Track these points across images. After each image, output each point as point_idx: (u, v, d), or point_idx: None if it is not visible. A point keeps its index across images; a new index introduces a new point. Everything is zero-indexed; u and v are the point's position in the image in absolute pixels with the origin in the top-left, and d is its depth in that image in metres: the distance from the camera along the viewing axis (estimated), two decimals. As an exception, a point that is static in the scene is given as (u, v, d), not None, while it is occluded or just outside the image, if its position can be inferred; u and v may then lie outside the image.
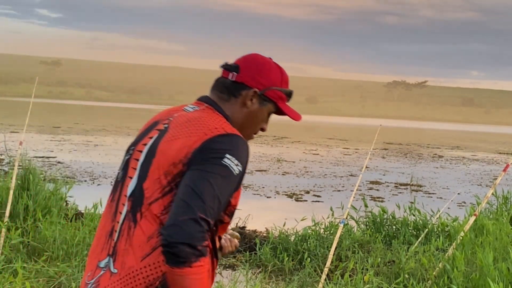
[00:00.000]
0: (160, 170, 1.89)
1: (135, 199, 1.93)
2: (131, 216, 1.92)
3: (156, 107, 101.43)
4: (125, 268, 1.86)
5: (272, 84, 2.09)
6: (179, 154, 1.87)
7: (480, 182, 16.35)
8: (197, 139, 1.88)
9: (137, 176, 1.97)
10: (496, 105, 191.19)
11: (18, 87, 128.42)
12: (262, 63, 2.11)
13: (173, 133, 1.95)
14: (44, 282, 4.71)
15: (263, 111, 2.11)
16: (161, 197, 1.86)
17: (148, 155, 1.97)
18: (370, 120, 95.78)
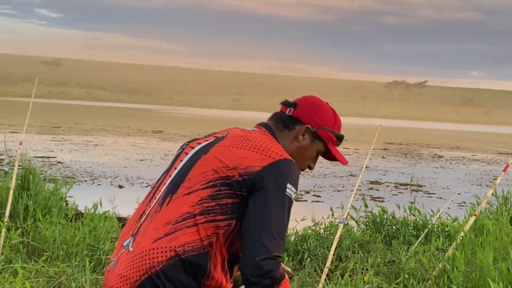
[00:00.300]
0: (209, 166, 2.05)
1: (172, 186, 2.09)
2: (160, 201, 2.08)
3: (156, 107, 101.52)
4: (138, 248, 2.01)
5: (325, 125, 2.24)
6: (237, 161, 2.03)
7: (480, 182, 16.36)
8: (261, 158, 2.04)
9: (181, 166, 2.14)
10: (496, 105, 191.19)
11: (18, 87, 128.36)
12: (318, 104, 2.28)
13: (232, 141, 2.11)
14: (44, 282, 4.71)
15: (313, 148, 2.25)
16: (201, 189, 2.01)
17: (199, 152, 2.14)
18: (370, 120, 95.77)
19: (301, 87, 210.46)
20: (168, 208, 2.04)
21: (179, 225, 2.00)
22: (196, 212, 2.00)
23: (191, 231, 1.99)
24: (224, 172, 2.02)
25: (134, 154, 18.53)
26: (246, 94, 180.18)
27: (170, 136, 28.32)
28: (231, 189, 2.01)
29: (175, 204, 2.03)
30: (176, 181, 2.10)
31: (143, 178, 13.29)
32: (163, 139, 25.87)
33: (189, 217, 2.00)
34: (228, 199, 2.00)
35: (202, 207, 2.00)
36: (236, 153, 2.05)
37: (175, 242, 1.98)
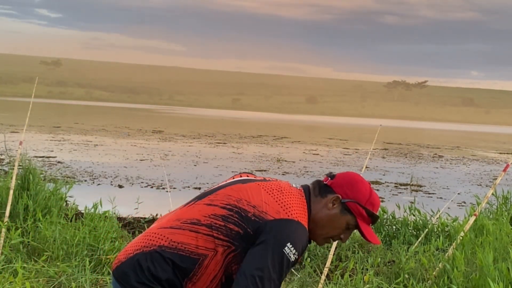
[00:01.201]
0: (237, 193, 2.27)
1: (203, 194, 2.38)
2: (188, 202, 2.40)
3: (156, 107, 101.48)
4: (149, 229, 2.39)
5: (356, 198, 2.33)
6: (259, 203, 2.22)
7: (480, 182, 16.35)
8: (278, 210, 2.21)
9: (222, 184, 2.40)
10: (496, 105, 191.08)
11: (18, 87, 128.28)
12: (355, 180, 2.38)
13: (268, 186, 2.30)
14: (44, 282, 4.71)
15: (341, 219, 2.34)
16: (219, 207, 2.24)
17: (242, 181, 2.38)
18: (370, 120, 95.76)
19: (301, 87, 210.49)
20: (187, 209, 2.33)
21: (184, 225, 2.24)
22: (203, 223, 2.22)
23: (190, 235, 2.21)
24: (244, 205, 2.22)
25: (134, 154, 18.53)
26: (246, 94, 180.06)
27: (170, 136, 28.32)
28: (242, 220, 2.19)
29: (193, 208, 2.31)
30: (208, 192, 2.37)
31: (143, 178, 13.29)
32: (163, 139, 25.87)
33: (195, 223, 2.23)
34: (235, 226, 2.19)
35: (211, 221, 2.22)
36: (263, 197, 2.25)
37: (173, 236, 2.23)
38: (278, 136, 33.71)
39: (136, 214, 7.78)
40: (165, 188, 11.80)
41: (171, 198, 6.61)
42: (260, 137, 31.35)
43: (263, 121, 60.68)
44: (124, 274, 2.24)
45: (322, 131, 47.16)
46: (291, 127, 49.83)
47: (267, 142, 28.13)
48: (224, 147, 23.41)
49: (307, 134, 39.99)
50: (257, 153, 21.63)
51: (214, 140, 27.25)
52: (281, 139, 30.65)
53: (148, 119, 49.71)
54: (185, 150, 21.03)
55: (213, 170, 15.61)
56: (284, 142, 28.90)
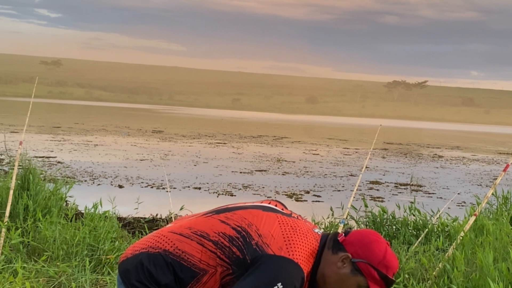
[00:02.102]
0: (253, 219, 2.25)
1: (223, 209, 2.39)
2: (206, 213, 2.42)
3: (156, 107, 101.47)
4: (161, 230, 2.41)
5: (367, 259, 2.20)
6: (266, 233, 2.20)
7: (480, 182, 16.35)
8: (281, 247, 2.16)
9: (244, 205, 2.40)
10: (496, 105, 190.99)
11: (18, 87, 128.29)
12: (370, 239, 2.26)
13: (284, 220, 2.27)
14: (44, 282, 4.71)
15: (351, 280, 2.22)
16: (231, 227, 2.23)
17: (264, 207, 2.35)
18: (370, 120, 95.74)
19: (301, 87, 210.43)
20: (202, 219, 2.32)
21: (193, 236, 2.24)
22: (211, 238, 2.21)
23: (197, 247, 2.21)
24: (252, 231, 2.20)
25: (134, 154, 18.53)
26: (246, 94, 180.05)
27: (170, 136, 28.31)
28: (244, 246, 2.17)
29: (208, 221, 2.30)
30: (229, 208, 2.37)
31: (143, 178, 13.29)
32: (163, 139, 25.86)
33: (204, 236, 2.23)
34: (237, 250, 2.17)
35: (218, 239, 2.20)
36: (273, 229, 2.21)
37: (180, 244, 2.22)
38: (278, 136, 33.71)
39: (136, 214, 7.78)
40: (165, 188, 11.80)
41: (171, 198, 6.61)
42: (260, 137, 31.35)
43: (263, 121, 60.67)
44: (126, 271, 2.25)
45: (322, 131, 47.15)
46: (291, 127, 49.82)
47: (267, 142, 28.13)
48: (224, 147, 23.41)
49: (307, 134, 39.99)
50: (257, 153, 21.63)
51: (214, 140, 27.24)
52: (281, 139, 30.64)
53: (148, 119, 49.71)
54: (185, 150, 21.03)
55: (213, 170, 15.61)
56: (284, 142, 28.89)
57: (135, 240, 5.99)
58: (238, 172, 15.60)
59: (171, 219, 7.34)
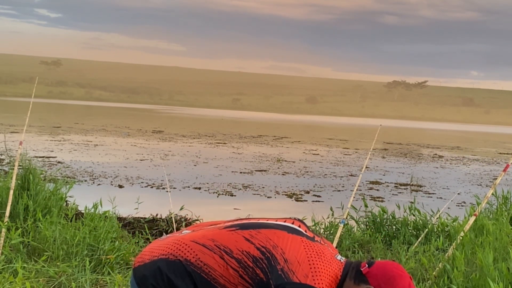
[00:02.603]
0: (278, 240, 2.21)
1: (248, 224, 2.34)
2: (229, 225, 2.38)
3: (156, 107, 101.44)
4: (183, 237, 2.37)
5: None
6: (292, 259, 2.17)
7: (480, 182, 16.35)
8: (306, 275, 2.18)
9: (271, 223, 2.34)
10: (496, 105, 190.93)
11: (18, 87, 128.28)
12: (394, 274, 2.22)
13: (310, 246, 2.24)
14: (44, 282, 4.70)
15: None
16: (255, 247, 2.20)
17: (290, 229, 2.31)
18: (370, 120, 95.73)
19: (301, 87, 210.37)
20: (225, 233, 2.27)
21: (217, 249, 2.21)
22: (234, 256, 2.19)
23: (219, 262, 2.19)
24: (277, 253, 2.18)
25: (134, 154, 18.53)
26: (246, 94, 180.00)
27: (170, 136, 28.31)
28: (269, 269, 2.15)
29: (232, 235, 2.26)
30: (253, 224, 2.32)
31: (143, 178, 13.29)
32: (163, 139, 25.86)
33: (227, 252, 2.20)
34: (261, 272, 2.15)
35: (242, 258, 2.18)
36: (299, 254, 2.19)
37: (202, 256, 2.20)
38: (278, 136, 33.71)
39: (136, 214, 7.78)
40: (165, 188, 11.80)
41: (171, 198, 6.61)
42: (260, 137, 31.35)
43: (263, 121, 60.67)
44: (143, 277, 2.23)
45: (322, 131, 47.15)
46: (291, 127, 49.82)
47: (267, 142, 28.13)
48: (224, 147, 23.41)
49: (307, 134, 39.98)
50: (257, 153, 21.63)
51: (214, 140, 27.24)
52: (281, 139, 30.64)
53: (148, 119, 49.71)
54: (185, 150, 21.03)
55: (213, 170, 15.61)
56: (284, 142, 28.89)
57: (135, 240, 5.99)
58: (238, 172, 15.59)
59: (171, 219, 7.34)
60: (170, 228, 7.13)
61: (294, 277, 2.12)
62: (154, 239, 6.63)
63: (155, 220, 7.73)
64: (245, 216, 7.94)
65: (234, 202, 11.06)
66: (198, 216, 7.80)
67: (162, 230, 7.19)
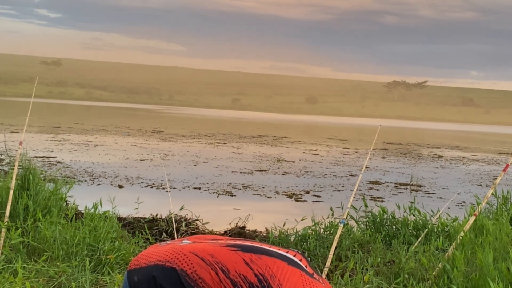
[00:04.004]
0: (276, 271, 2.19)
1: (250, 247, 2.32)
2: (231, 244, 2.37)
3: (156, 107, 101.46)
4: (183, 247, 2.37)
5: None
6: (285, 285, 2.14)
7: (480, 182, 16.35)
8: None
9: (272, 250, 2.30)
10: (496, 105, 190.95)
11: (18, 87, 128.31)
12: None
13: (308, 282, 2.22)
14: (44, 282, 4.71)
15: None
16: (253, 273, 2.18)
17: (288, 260, 2.28)
18: (370, 120, 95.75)
19: (301, 87, 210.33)
20: (226, 251, 2.26)
21: (214, 266, 2.20)
22: (231, 277, 2.18)
23: (215, 278, 2.17)
24: (275, 285, 2.16)
25: (134, 154, 18.53)
26: (246, 94, 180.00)
27: (170, 136, 28.32)
28: None
29: (232, 255, 2.24)
30: (256, 249, 2.30)
31: (143, 178, 13.29)
32: (163, 139, 25.87)
33: (224, 271, 2.19)
34: None
35: (238, 281, 2.17)
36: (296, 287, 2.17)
37: (199, 269, 2.18)
38: (278, 136, 33.71)
39: (136, 214, 7.78)
40: (165, 188, 11.80)
41: (171, 198, 6.61)
42: (260, 137, 31.35)
43: (263, 121, 60.68)
44: (137, 281, 2.23)
45: (322, 131, 47.16)
46: (291, 127, 49.83)
47: (267, 142, 28.13)
48: (224, 147, 23.41)
49: (307, 134, 39.99)
50: (257, 153, 21.63)
51: (214, 140, 27.25)
52: (281, 139, 30.65)
53: (148, 119, 49.72)
54: (185, 150, 21.03)
55: (213, 170, 15.62)
56: (284, 142, 28.90)
57: (135, 240, 5.99)
58: (238, 172, 15.60)
59: (171, 219, 7.34)
60: (170, 228, 7.14)
61: None
62: (154, 239, 6.65)
63: (155, 220, 7.73)
64: (245, 216, 7.95)
65: (234, 202, 11.06)
66: (198, 216, 7.81)
67: (162, 230, 7.20)
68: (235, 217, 8.08)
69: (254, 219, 8.16)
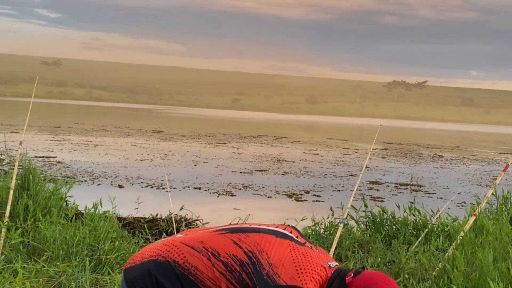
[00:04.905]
0: (265, 245, 2.21)
1: (237, 228, 2.34)
2: (220, 229, 2.39)
3: (156, 107, 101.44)
4: (174, 239, 2.41)
5: None
6: (277, 263, 2.16)
7: (480, 182, 16.35)
8: (293, 276, 2.13)
9: (261, 227, 2.33)
10: (496, 105, 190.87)
11: (18, 87, 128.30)
12: (377, 286, 2.18)
13: (297, 249, 2.23)
14: (44, 282, 4.71)
15: None
16: (242, 251, 2.20)
17: (278, 234, 2.30)
18: (370, 120, 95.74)
19: (301, 87, 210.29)
20: (214, 236, 2.28)
21: (205, 252, 2.22)
22: (221, 259, 2.20)
23: (207, 263, 2.19)
24: (263, 260, 2.18)
25: (134, 154, 18.53)
26: (246, 94, 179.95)
27: (170, 136, 28.32)
28: (254, 274, 2.15)
29: (220, 239, 2.26)
30: (242, 229, 2.32)
31: (143, 178, 13.29)
32: (163, 139, 25.87)
33: (215, 255, 2.21)
34: (247, 277, 2.16)
35: (229, 261, 2.19)
36: (283, 257, 2.18)
37: (190, 258, 2.21)
38: (278, 136, 33.71)
39: (136, 214, 7.78)
40: (165, 188, 11.80)
41: (171, 198, 6.61)
42: (260, 137, 31.35)
43: (263, 121, 60.68)
44: (133, 279, 2.25)
45: (322, 131, 47.15)
46: (291, 127, 49.82)
47: (267, 142, 28.13)
48: (224, 147, 23.41)
49: (307, 134, 39.98)
50: (257, 153, 21.63)
51: (214, 140, 27.25)
52: (281, 139, 30.64)
53: (148, 119, 49.70)
54: (185, 150, 21.03)
55: (213, 170, 15.61)
56: (284, 142, 28.89)
57: (135, 240, 5.99)
58: (238, 172, 15.60)
59: (171, 219, 7.34)
60: (170, 228, 7.14)
61: (280, 280, 2.11)
62: (154, 239, 6.65)
63: (155, 220, 7.73)
64: (245, 216, 7.95)
65: (234, 202, 11.06)
66: (198, 216, 7.80)
67: (162, 230, 7.19)
68: (235, 217, 8.07)
69: (254, 219, 8.15)
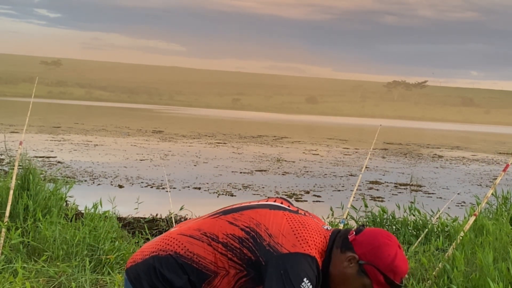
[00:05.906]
0: (261, 218, 2.21)
1: (229, 209, 2.36)
2: (212, 214, 2.41)
3: (156, 107, 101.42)
4: (171, 232, 2.42)
5: (375, 263, 2.15)
6: (277, 233, 2.16)
7: (480, 182, 16.35)
8: (295, 243, 2.13)
9: (251, 204, 2.36)
10: (496, 105, 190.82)
11: (18, 87, 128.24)
12: (380, 243, 2.18)
13: (292, 218, 2.24)
14: (44, 282, 4.71)
15: (357, 281, 2.18)
16: (239, 228, 2.20)
17: (271, 206, 2.31)
18: (370, 120, 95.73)
19: (301, 87, 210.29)
20: (210, 220, 2.29)
21: (204, 237, 2.21)
22: (220, 240, 2.19)
23: (208, 249, 2.19)
24: (262, 231, 2.16)
25: (134, 154, 18.53)
26: (246, 94, 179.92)
27: (170, 136, 28.32)
28: (256, 247, 2.14)
29: (216, 222, 2.26)
30: (235, 209, 2.33)
31: (143, 178, 13.29)
32: (163, 139, 25.87)
33: (214, 239, 2.20)
34: (248, 251, 2.14)
35: (228, 241, 2.18)
36: (283, 227, 2.17)
37: (191, 246, 2.21)
38: (278, 136, 33.71)
39: (136, 214, 7.79)
40: (165, 188, 11.79)
41: (171, 198, 6.62)
42: (260, 137, 31.35)
43: (263, 121, 60.68)
44: (137, 276, 2.24)
45: (322, 131, 47.16)
46: (291, 127, 49.82)
47: (267, 142, 28.13)
48: (224, 147, 23.41)
49: (307, 134, 39.98)
50: (257, 153, 21.63)
51: (214, 140, 27.25)
52: (281, 139, 30.64)
53: (148, 119, 49.70)
54: (185, 150, 21.03)
55: (213, 170, 15.61)
56: (284, 142, 28.90)
57: (135, 240, 5.99)
58: (238, 172, 15.60)
59: (171, 219, 7.34)
60: (170, 228, 7.14)
61: (283, 249, 2.11)
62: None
63: (155, 220, 7.74)
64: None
65: (234, 202, 11.03)
66: (198, 216, 7.80)
67: (162, 230, 7.19)
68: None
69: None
